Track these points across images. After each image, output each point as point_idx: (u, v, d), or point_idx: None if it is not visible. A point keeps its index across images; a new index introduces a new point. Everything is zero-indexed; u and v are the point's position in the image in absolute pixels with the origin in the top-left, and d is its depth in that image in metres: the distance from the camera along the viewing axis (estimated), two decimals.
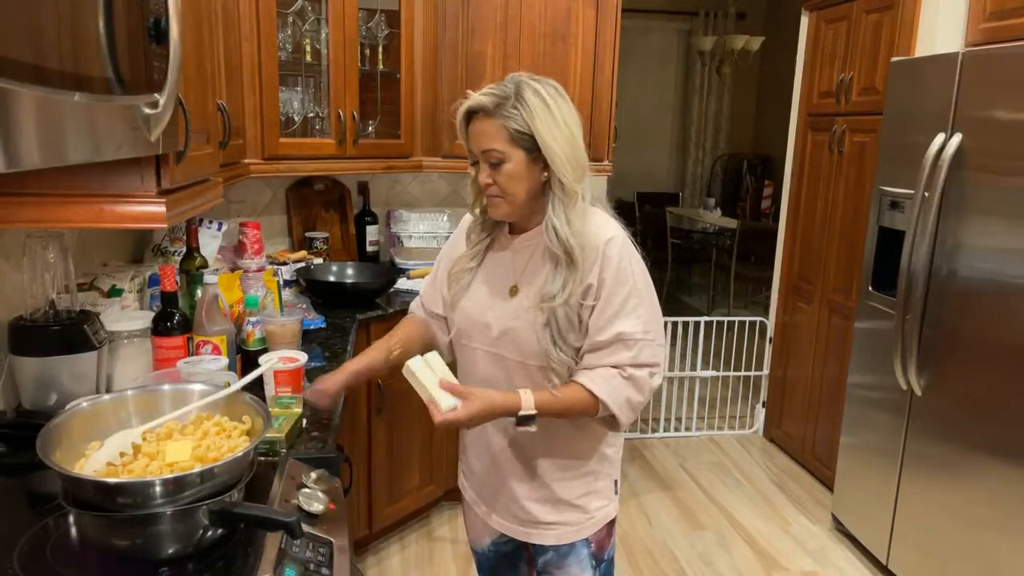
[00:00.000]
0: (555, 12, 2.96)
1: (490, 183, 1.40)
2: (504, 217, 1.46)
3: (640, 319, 1.40)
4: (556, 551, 1.57)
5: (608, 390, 1.39)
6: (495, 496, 1.61)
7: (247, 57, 2.37)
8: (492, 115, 1.36)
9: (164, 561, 1.06)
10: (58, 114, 0.83)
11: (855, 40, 3.18)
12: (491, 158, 1.38)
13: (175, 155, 1.24)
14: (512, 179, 1.38)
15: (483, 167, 1.41)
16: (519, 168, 1.37)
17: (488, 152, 1.38)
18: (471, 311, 1.51)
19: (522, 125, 1.34)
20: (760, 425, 4.06)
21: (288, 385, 1.60)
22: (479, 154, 1.40)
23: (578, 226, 1.37)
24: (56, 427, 1.10)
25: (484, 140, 1.38)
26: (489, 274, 1.52)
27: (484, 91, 1.38)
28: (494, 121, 1.36)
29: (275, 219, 3.07)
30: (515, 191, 1.39)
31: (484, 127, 1.38)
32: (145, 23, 1.07)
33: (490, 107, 1.36)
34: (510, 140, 1.35)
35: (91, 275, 1.85)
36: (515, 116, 1.34)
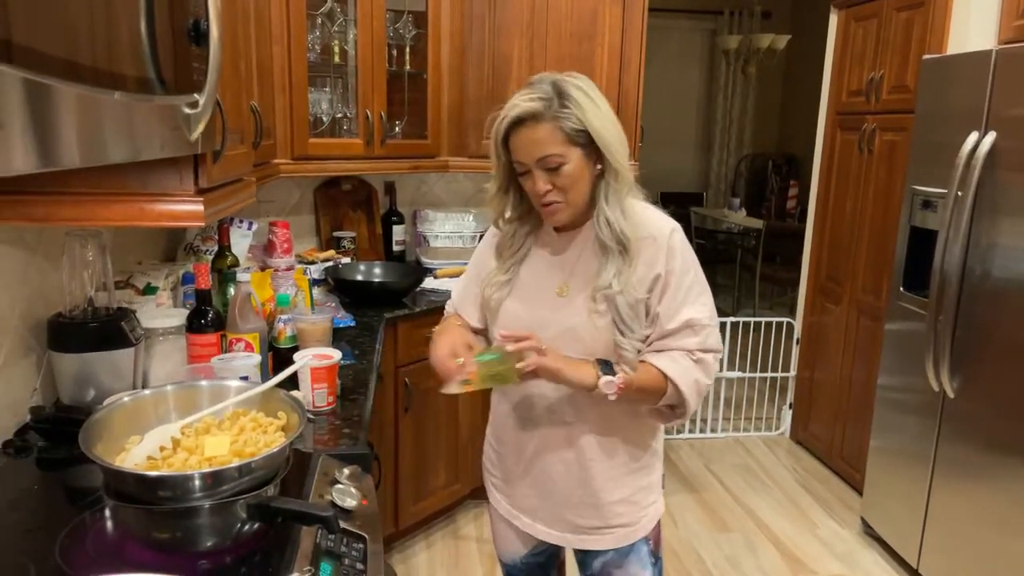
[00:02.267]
0: (581, 12, 2.96)
1: (549, 189, 1.34)
2: (564, 223, 1.41)
3: (705, 306, 1.40)
4: (616, 551, 1.53)
5: (679, 371, 1.37)
6: (543, 506, 1.54)
7: (277, 58, 2.40)
8: (542, 119, 1.30)
9: (203, 554, 1.08)
10: (99, 113, 0.84)
11: (885, 38, 3.14)
12: (549, 163, 1.32)
13: (212, 155, 1.26)
14: (573, 180, 1.33)
15: (538, 175, 1.34)
16: (578, 167, 1.33)
17: (545, 159, 1.32)
18: (522, 318, 1.44)
19: (576, 122, 1.30)
20: (787, 427, 4.02)
21: (323, 382, 1.61)
22: (532, 163, 1.33)
23: (634, 217, 1.36)
24: (98, 421, 1.12)
25: (538, 147, 1.32)
26: (533, 277, 1.47)
27: (524, 98, 1.32)
28: (546, 125, 1.30)
29: (303, 219, 3.10)
30: (577, 192, 1.35)
31: (535, 134, 1.31)
32: (185, 24, 1.09)
33: (540, 111, 1.30)
34: (566, 140, 1.31)
35: (127, 273, 1.89)
36: (567, 115, 1.30)
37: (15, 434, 1.48)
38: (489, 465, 1.66)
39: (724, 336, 3.95)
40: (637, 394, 1.37)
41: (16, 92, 0.65)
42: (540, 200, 1.36)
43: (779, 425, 4.08)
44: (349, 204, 3.21)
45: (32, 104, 0.68)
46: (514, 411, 1.52)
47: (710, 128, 7.57)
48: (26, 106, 0.67)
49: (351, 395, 1.78)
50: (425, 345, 2.66)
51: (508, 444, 1.56)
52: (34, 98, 0.68)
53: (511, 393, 1.51)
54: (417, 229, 3.29)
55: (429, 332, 2.65)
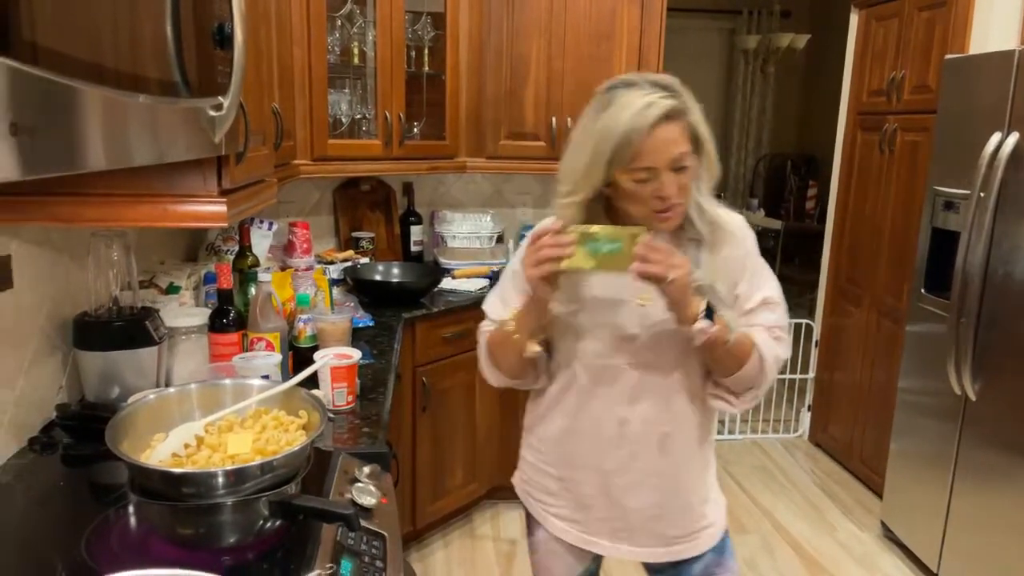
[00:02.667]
0: (600, 12, 2.96)
1: (676, 191, 1.26)
2: (678, 223, 1.32)
3: (774, 287, 1.42)
4: (714, 551, 1.48)
5: (764, 341, 1.35)
6: (629, 526, 1.46)
7: (298, 60, 2.42)
8: (677, 117, 1.23)
9: (225, 550, 1.10)
10: (125, 115, 0.86)
11: (907, 37, 3.11)
12: (680, 162, 1.24)
13: (235, 156, 1.28)
14: (691, 179, 1.28)
15: (667, 178, 1.23)
16: (695, 166, 1.28)
17: (679, 157, 1.23)
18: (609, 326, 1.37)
19: (695, 121, 1.25)
20: (805, 429, 3.99)
21: (343, 381, 1.63)
22: (663, 165, 1.23)
23: (717, 209, 1.36)
24: (124, 418, 1.14)
25: (674, 146, 1.22)
26: (608, 286, 1.36)
27: (655, 94, 1.22)
28: (679, 123, 1.23)
29: (322, 219, 3.12)
30: (689, 192, 1.29)
31: (671, 132, 1.22)
32: (209, 28, 1.11)
33: (679, 108, 1.23)
34: (691, 140, 1.25)
35: (150, 273, 1.91)
36: (694, 111, 1.25)
37: (41, 431, 1.50)
38: (544, 495, 1.55)
39: None
40: (723, 350, 1.30)
41: (45, 95, 0.66)
42: (661, 205, 1.26)
43: (797, 427, 4.05)
44: (368, 205, 3.23)
45: (61, 107, 0.70)
46: (586, 434, 1.44)
47: (728, 128, 7.53)
48: (55, 109, 0.69)
49: (370, 394, 1.79)
50: (443, 345, 2.70)
51: (580, 469, 1.46)
52: (63, 101, 0.70)
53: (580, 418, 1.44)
54: (435, 230, 3.31)
55: (447, 332, 2.70)
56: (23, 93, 0.62)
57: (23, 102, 0.62)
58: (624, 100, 1.22)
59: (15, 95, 0.61)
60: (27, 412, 1.47)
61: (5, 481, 1.33)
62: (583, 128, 1.31)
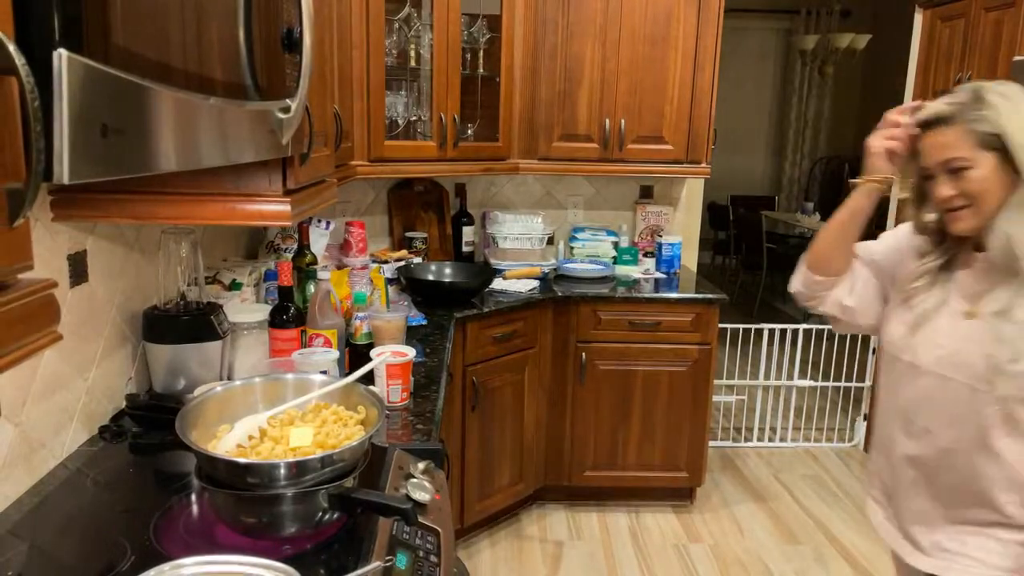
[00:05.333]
0: (655, 14, 2.95)
1: (953, 195, 1.29)
2: (969, 231, 1.31)
3: None
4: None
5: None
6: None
7: (356, 63, 2.47)
8: (951, 123, 1.28)
9: (286, 539, 1.13)
10: (201, 118, 0.89)
11: (973, 38, 3.02)
12: (952, 165, 1.28)
13: (300, 157, 1.31)
14: (983, 185, 1.26)
15: (942, 180, 1.30)
16: (991, 173, 1.26)
17: (949, 161, 1.28)
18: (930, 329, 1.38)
19: (991, 128, 1.25)
20: (861, 439, 3.90)
21: (398, 378, 1.66)
22: (935, 166, 1.31)
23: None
24: (193, 409, 1.18)
25: (943, 151, 1.29)
26: (948, 294, 1.38)
27: (938, 102, 1.31)
28: (955, 129, 1.28)
29: (377, 219, 3.18)
30: (986, 199, 1.27)
31: (942, 138, 1.29)
32: (279, 32, 1.15)
33: (949, 114, 1.28)
34: (978, 145, 1.26)
35: (213, 269, 1.97)
36: (980, 119, 1.26)
37: (111, 420, 1.56)
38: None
39: (796, 344, 3.87)
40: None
41: (132, 98, 0.70)
42: (944, 206, 1.32)
43: (852, 436, 3.96)
44: (421, 205, 3.27)
45: (146, 110, 0.73)
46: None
47: (783, 130, 7.41)
48: (141, 111, 0.72)
49: (423, 392, 1.82)
50: (493, 345, 2.72)
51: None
52: (147, 104, 0.73)
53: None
54: (486, 230, 3.33)
55: (497, 332, 2.72)
56: (113, 96, 0.66)
57: (113, 105, 0.66)
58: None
59: (107, 98, 0.64)
60: (98, 402, 1.53)
61: (76, 468, 1.39)
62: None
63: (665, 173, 3.15)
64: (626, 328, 2.97)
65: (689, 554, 2.91)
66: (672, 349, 2.99)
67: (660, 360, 3.00)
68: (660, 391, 3.03)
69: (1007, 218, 1.26)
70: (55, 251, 1.35)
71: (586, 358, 2.98)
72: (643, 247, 3.41)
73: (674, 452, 3.09)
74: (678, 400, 3.04)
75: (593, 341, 2.98)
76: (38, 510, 1.23)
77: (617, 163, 3.08)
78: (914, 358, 1.39)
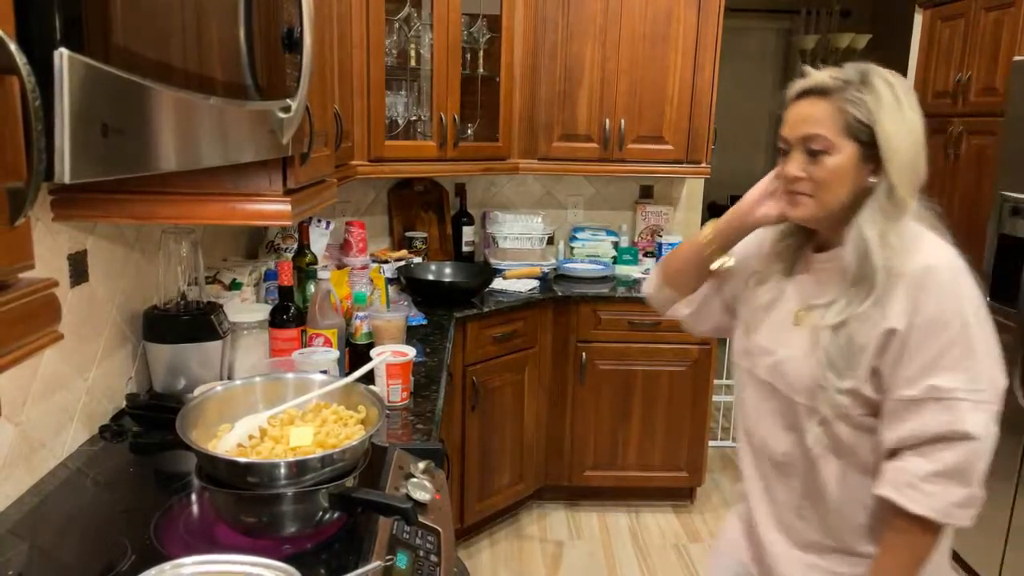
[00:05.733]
0: (655, 14, 2.95)
1: (801, 176, 1.17)
2: (805, 220, 1.21)
3: (965, 372, 1.10)
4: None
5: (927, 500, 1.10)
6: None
7: (356, 63, 2.47)
8: (829, 97, 1.15)
9: (286, 539, 1.13)
10: (203, 118, 0.89)
11: (973, 38, 3.02)
12: (811, 144, 1.15)
13: (300, 157, 1.31)
14: (834, 175, 1.15)
15: (795, 157, 1.18)
16: (845, 164, 1.14)
17: (810, 137, 1.16)
18: (761, 334, 1.30)
19: (865, 115, 1.13)
20: None
21: (398, 378, 1.66)
22: (795, 140, 1.18)
23: (895, 246, 1.13)
24: (193, 408, 1.18)
25: (808, 124, 1.16)
26: (783, 295, 1.29)
27: (824, 72, 1.18)
28: (829, 104, 1.15)
29: (377, 219, 3.17)
30: (833, 191, 1.16)
31: (813, 110, 1.16)
32: (279, 32, 1.15)
33: (830, 88, 1.15)
34: (844, 129, 1.14)
35: (213, 269, 1.97)
36: (858, 102, 1.13)
37: (111, 419, 1.56)
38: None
39: None
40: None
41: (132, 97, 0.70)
42: (788, 186, 1.20)
43: None
44: (421, 205, 3.27)
45: (146, 109, 0.73)
46: None
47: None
48: (141, 111, 0.72)
49: (423, 392, 1.82)
50: (493, 345, 2.72)
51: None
52: (147, 103, 0.73)
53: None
54: (486, 230, 3.33)
55: (497, 332, 2.72)
56: (114, 96, 0.66)
57: (114, 104, 0.66)
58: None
59: (108, 98, 0.64)
60: (98, 401, 1.53)
61: (77, 467, 1.39)
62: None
63: (665, 173, 3.15)
64: (626, 328, 2.97)
65: (689, 554, 2.91)
66: (672, 349, 2.99)
67: (660, 360, 3.00)
68: (660, 391, 3.03)
69: (867, 219, 1.15)
70: (55, 251, 1.35)
71: (586, 358, 2.98)
72: (643, 247, 3.41)
73: (674, 452, 3.09)
74: (678, 400, 3.04)
75: (593, 341, 2.98)
76: (38, 510, 1.23)
77: (617, 163, 3.08)
78: (750, 364, 1.31)
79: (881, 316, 1.12)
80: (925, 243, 1.16)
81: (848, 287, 1.16)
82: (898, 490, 1.12)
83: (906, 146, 1.14)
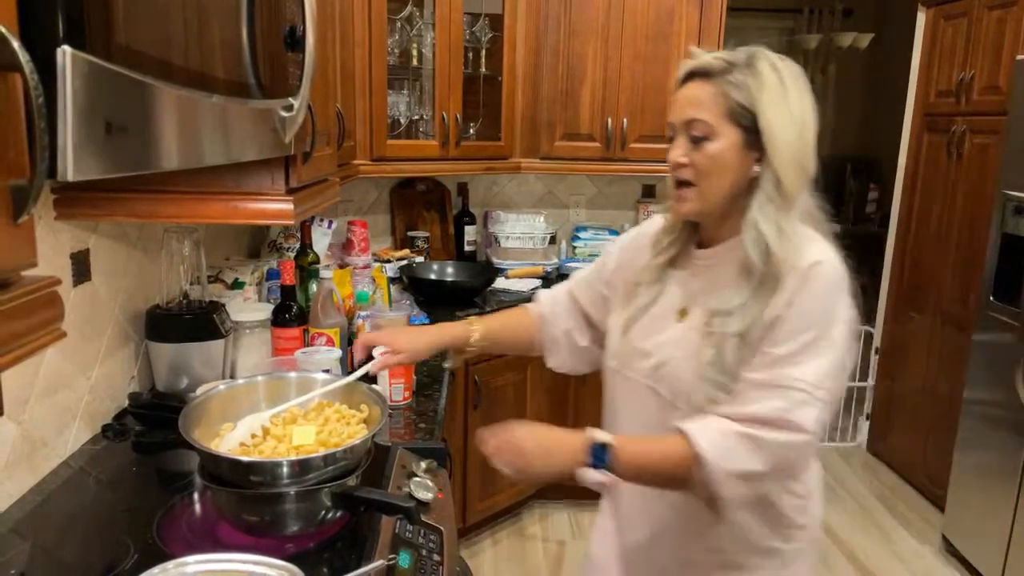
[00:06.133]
0: (658, 13, 2.95)
1: (684, 163, 1.13)
2: (691, 214, 1.17)
3: (818, 369, 1.07)
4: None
5: (717, 447, 1.05)
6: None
7: (359, 62, 2.47)
8: (712, 80, 1.10)
9: (288, 538, 1.13)
10: (206, 116, 0.89)
11: (976, 37, 3.01)
12: (693, 130, 1.11)
13: (302, 156, 1.31)
14: (715, 163, 1.10)
15: (679, 142, 1.14)
16: (727, 151, 1.10)
17: (692, 123, 1.11)
18: (637, 335, 1.24)
19: (746, 99, 1.08)
20: (864, 438, 3.89)
21: (401, 378, 1.66)
22: (679, 125, 1.13)
23: (792, 240, 1.09)
24: (196, 407, 1.18)
25: (691, 108, 1.11)
26: (663, 294, 1.24)
27: (714, 53, 1.13)
28: (712, 87, 1.10)
29: (379, 218, 3.17)
30: (714, 179, 1.11)
31: (697, 92, 1.11)
32: (281, 31, 1.14)
33: (714, 70, 1.10)
34: (727, 114, 1.09)
35: (216, 268, 1.97)
36: (741, 86, 1.08)
37: (114, 418, 1.56)
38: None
39: None
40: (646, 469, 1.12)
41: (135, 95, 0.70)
42: (672, 175, 1.16)
43: (855, 436, 3.95)
44: (423, 204, 3.27)
45: (149, 107, 0.73)
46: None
47: None
48: (145, 109, 0.72)
49: (425, 391, 1.82)
50: None
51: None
52: (150, 101, 0.73)
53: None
54: (488, 230, 3.33)
55: None
56: (117, 94, 0.66)
57: (117, 102, 0.66)
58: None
59: (111, 96, 0.64)
60: (101, 400, 1.53)
61: (79, 466, 1.39)
62: None
63: (667, 172, 3.13)
64: None
65: None
66: None
67: None
68: None
69: (759, 212, 1.10)
70: (58, 250, 1.35)
71: None
72: None
73: None
74: None
75: None
76: (41, 509, 1.23)
77: (619, 162, 3.08)
78: (622, 366, 1.26)
79: (770, 307, 1.09)
80: (818, 243, 1.12)
81: (754, 288, 1.10)
82: (700, 427, 1.07)
83: (791, 135, 1.09)
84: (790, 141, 1.09)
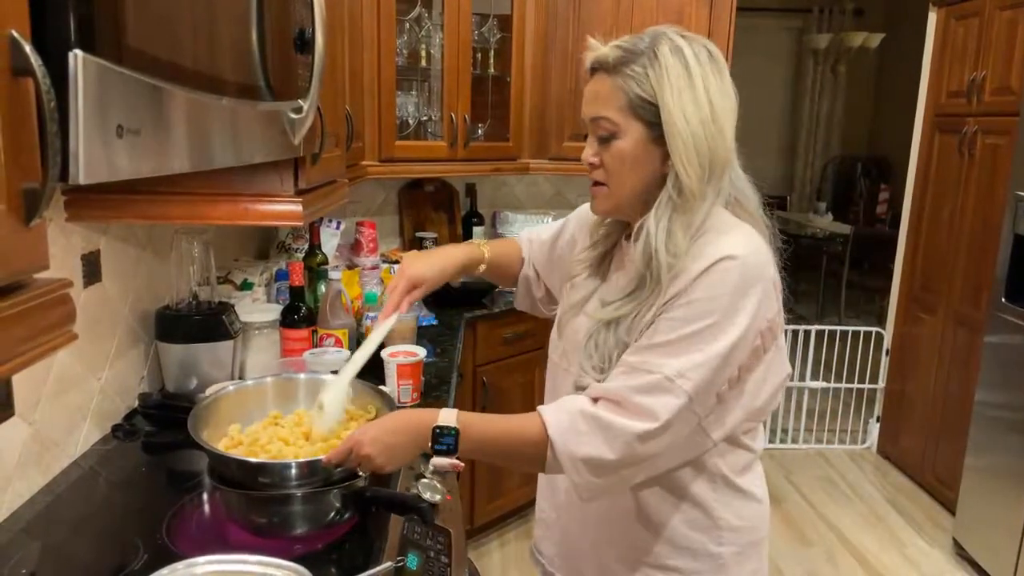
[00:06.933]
0: (667, 13, 2.94)
1: (595, 163, 1.07)
2: (604, 212, 1.13)
3: (688, 362, 0.98)
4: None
5: (564, 427, 1.01)
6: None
7: (368, 63, 2.47)
8: (612, 73, 1.02)
9: (297, 539, 1.13)
10: (216, 119, 0.89)
11: (988, 37, 2.99)
12: (599, 129, 1.05)
13: (311, 157, 1.32)
14: (622, 162, 1.04)
15: (590, 140, 1.08)
16: (633, 148, 1.02)
17: (597, 120, 1.04)
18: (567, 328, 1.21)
19: (647, 91, 1.00)
20: (874, 441, 3.87)
21: (409, 378, 1.66)
22: (588, 123, 1.08)
23: (681, 244, 1.01)
24: (205, 408, 1.19)
25: (594, 105, 1.05)
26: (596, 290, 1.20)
27: (614, 42, 1.05)
28: (611, 81, 1.02)
29: (387, 219, 3.18)
30: (625, 179, 1.05)
31: (598, 87, 1.05)
32: (290, 33, 1.15)
33: (611, 62, 1.02)
34: (628, 109, 1.01)
35: (225, 269, 1.98)
36: (639, 77, 1.00)
37: (124, 419, 1.57)
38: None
39: (808, 345, 3.84)
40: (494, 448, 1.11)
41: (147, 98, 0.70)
42: (589, 174, 1.10)
43: (865, 438, 3.93)
44: (431, 205, 3.27)
45: (161, 110, 0.73)
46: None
47: (795, 130, 7.37)
48: (157, 112, 0.72)
49: (434, 392, 1.82)
50: (503, 346, 2.72)
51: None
52: (162, 104, 0.73)
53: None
54: (496, 230, 3.33)
55: (507, 333, 2.71)
56: (128, 97, 0.66)
57: (128, 105, 0.66)
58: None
59: (122, 99, 0.64)
60: (111, 400, 1.54)
61: (89, 466, 1.39)
62: None
63: None
64: None
65: None
66: None
67: None
68: None
69: (655, 213, 1.03)
70: (69, 251, 1.36)
71: None
72: None
73: None
74: None
75: None
76: (51, 509, 1.23)
77: None
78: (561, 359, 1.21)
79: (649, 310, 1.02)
80: (731, 237, 1.02)
81: (634, 288, 1.05)
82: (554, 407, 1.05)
83: (691, 126, 0.99)
84: (693, 131, 1.00)
